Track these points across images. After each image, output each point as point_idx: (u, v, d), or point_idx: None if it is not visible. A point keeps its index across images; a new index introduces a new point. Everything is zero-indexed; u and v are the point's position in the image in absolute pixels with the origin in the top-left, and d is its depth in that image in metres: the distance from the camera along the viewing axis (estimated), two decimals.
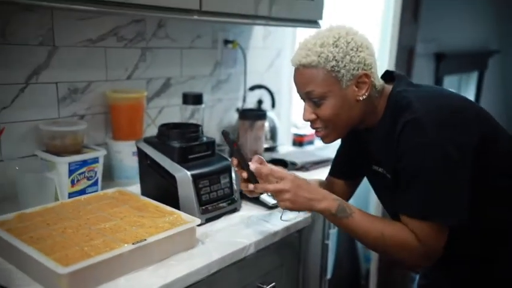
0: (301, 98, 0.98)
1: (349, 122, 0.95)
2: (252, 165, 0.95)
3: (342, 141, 1.15)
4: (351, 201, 1.14)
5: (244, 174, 0.96)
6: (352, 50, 0.90)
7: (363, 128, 0.99)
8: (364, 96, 0.92)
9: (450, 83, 3.53)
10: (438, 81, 3.19)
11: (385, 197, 1.06)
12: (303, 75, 0.93)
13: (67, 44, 1.22)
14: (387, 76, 1.02)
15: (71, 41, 1.23)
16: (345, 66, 0.90)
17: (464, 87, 3.87)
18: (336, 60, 0.90)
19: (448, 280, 1.03)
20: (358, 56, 0.91)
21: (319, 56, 0.90)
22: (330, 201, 0.93)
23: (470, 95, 3.86)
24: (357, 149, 1.06)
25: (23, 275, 0.80)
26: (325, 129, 0.96)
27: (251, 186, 0.95)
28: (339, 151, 1.16)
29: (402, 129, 0.87)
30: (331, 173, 1.18)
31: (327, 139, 0.99)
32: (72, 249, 0.79)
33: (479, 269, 0.97)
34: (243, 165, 0.96)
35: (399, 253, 0.90)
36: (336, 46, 0.90)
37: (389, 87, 0.97)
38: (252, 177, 0.95)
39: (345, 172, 1.15)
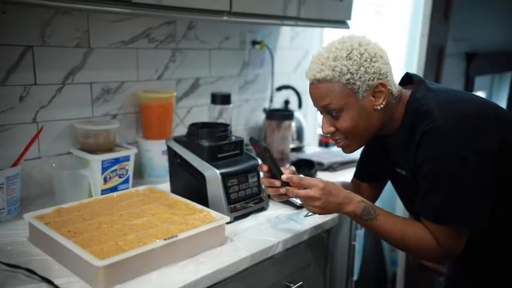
0: (319, 111, 0.99)
1: (368, 131, 0.96)
2: (284, 175, 0.97)
3: (365, 145, 1.14)
4: (378, 202, 1.14)
5: (278, 183, 0.98)
6: (366, 61, 0.90)
7: (382, 134, 0.99)
8: (381, 106, 0.92)
9: (481, 84, 3.42)
10: (469, 81, 3.10)
11: (407, 198, 1.07)
12: (318, 90, 0.94)
13: (101, 45, 1.26)
14: (406, 79, 1.01)
15: (105, 42, 1.27)
16: (360, 77, 0.90)
17: (496, 88, 3.75)
18: (350, 72, 0.90)
19: (471, 281, 1.03)
20: (373, 67, 0.90)
21: (333, 70, 0.90)
22: (356, 204, 0.95)
23: (503, 96, 3.73)
24: (378, 153, 1.06)
25: (61, 267, 0.83)
26: (346, 140, 0.97)
27: (282, 190, 0.97)
28: (362, 155, 1.16)
29: (421, 138, 0.87)
30: (355, 176, 1.19)
31: (347, 149, 0.99)
32: (107, 243, 0.82)
33: (504, 271, 0.96)
34: (275, 171, 0.98)
35: (419, 253, 0.94)
36: (350, 59, 0.90)
37: (407, 93, 0.96)
38: (284, 183, 0.98)
39: (369, 175, 1.16)
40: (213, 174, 1.09)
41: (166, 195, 1.10)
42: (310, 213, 1.09)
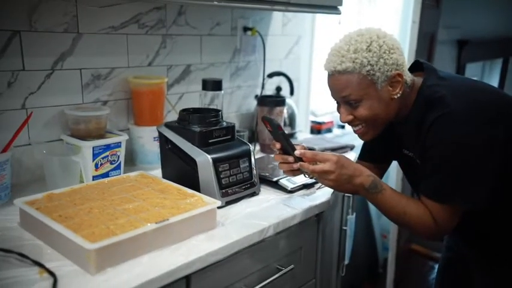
0: (336, 101, 1.02)
1: (386, 119, 1.00)
2: (297, 151, 0.99)
3: None
4: None
5: (291, 159, 1.00)
6: (385, 52, 0.94)
7: (396, 121, 1.03)
8: (398, 95, 0.97)
9: (473, 71, 3.45)
10: (460, 68, 3.12)
11: (413, 179, 1.12)
12: (338, 81, 0.96)
13: (90, 31, 1.25)
14: (415, 66, 1.04)
15: (94, 28, 1.26)
16: (379, 69, 0.94)
17: (488, 74, 3.78)
18: (370, 64, 0.93)
19: (472, 252, 1.10)
20: (391, 58, 0.94)
21: (354, 62, 0.93)
22: (365, 177, 0.98)
23: (494, 83, 3.76)
24: (387, 136, 1.08)
25: (53, 251, 0.83)
26: (365, 127, 1.01)
27: (296, 165, 0.99)
28: None
29: (433, 123, 0.91)
30: (360, 157, 1.22)
31: (366, 136, 1.03)
32: (99, 227, 0.82)
33: (503, 243, 1.02)
34: (288, 147, 1.00)
35: (415, 229, 0.98)
36: (370, 51, 0.93)
37: (419, 81, 1.00)
38: (297, 158, 1.00)
39: (375, 156, 1.19)
40: (204, 160, 1.09)
41: (158, 181, 1.10)
42: (322, 186, 1.10)
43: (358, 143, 1.24)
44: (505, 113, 0.93)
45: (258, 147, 1.61)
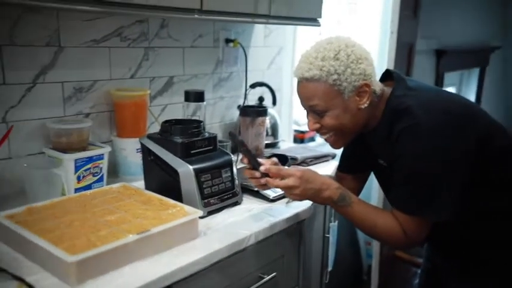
0: (305, 109, 1.02)
1: (354, 129, 1.00)
2: (263, 167, 1.00)
3: None
4: None
5: (258, 174, 1.01)
6: (352, 62, 0.94)
7: (365, 130, 1.04)
8: (365, 105, 0.97)
9: (451, 79, 3.54)
10: (439, 77, 3.21)
11: (388, 189, 1.11)
12: (306, 89, 0.97)
13: (72, 44, 1.26)
14: (386, 75, 1.05)
15: (76, 41, 1.27)
16: (346, 79, 0.94)
17: (466, 83, 3.88)
18: (337, 73, 0.93)
19: (447, 262, 1.11)
20: (359, 68, 0.94)
21: (321, 70, 0.93)
22: (333, 190, 0.99)
23: (472, 91, 3.87)
24: (361, 146, 1.10)
25: (32, 264, 0.83)
26: (333, 136, 1.02)
27: (263, 180, 1.00)
28: (346, 148, 1.20)
29: (400, 133, 0.92)
30: (339, 169, 1.23)
31: (336, 144, 1.04)
32: (80, 239, 0.83)
33: (475, 252, 1.02)
34: (254, 164, 1.02)
35: (386, 240, 1.00)
36: (337, 59, 0.93)
37: (388, 90, 1.00)
38: (264, 174, 1.01)
39: (352, 167, 1.20)
40: (186, 170, 1.10)
41: (140, 192, 1.11)
42: (291, 201, 1.12)
43: (340, 151, 1.26)
44: (470, 124, 0.93)
45: (240, 156, 1.62)
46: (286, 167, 1.03)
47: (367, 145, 1.08)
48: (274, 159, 1.07)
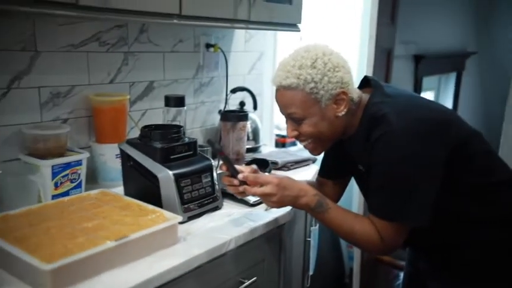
0: (283, 116, 1.03)
1: (332, 136, 1.01)
2: (240, 175, 1.01)
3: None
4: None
5: (236, 181, 1.02)
6: (329, 70, 0.95)
7: (344, 137, 1.05)
8: (343, 112, 0.98)
9: (429, 84, 3.62)
10: (417, 82, 3.27)
11: (367, 194, 1.12)
12: (283, 97, 0.98)
13: (49, 49, 1.24)
14: (365, 82, 1.06)
15: (53, 46, 1.25)
16: (323, 87, 0.95)
17: (444, 87, 3.97)
18: (314, 81, 0.94)
19: (429, 265, 1.12)
20: (336, 76, 0.95)
21: (298, 78, 0.94)
22: (310, 196, 1.00)
23: (449, 96, 3.96)
24: (341, 152, 1.11)
25: (6, 274, 0.81)
26: (312, 143, 1.03)
27: (241, 188, 1.01)
28: (326, 154, 1.21)
29: (376, 140, 0.93)
30: (320, 174, 1.24)
31: (315, 151, 1.06)
32: (56, 247, 0.82)
33: (453, 254, 1.04)
34: (232, 171, 1.02)
35: (364, 246, 1.00)
36: (314, 67, 0.94)
37: (366, 97, 1.01)
38: (242, 182, 1.02)
39: (332, 173, 1.21)
40: (165, 175, 1.10)
41: (119, 198, 1.10)
42: (269, 208, 1.13)
43: (320, 156, 1.27)
44: (444, 131, 0.94)
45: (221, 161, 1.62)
46: (265, 174, 1.03)
47: (346, 151, 1.09)
48: (253, 166, 1.07)
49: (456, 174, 0.96)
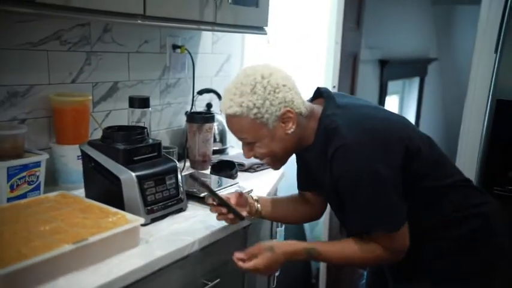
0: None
1: (286, 152, 1.03)
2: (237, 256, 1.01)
3: (296, 158, 1.19)
4: None
5: (225, 210, 1.04)
6: (269, 94, 0.95)
7: (302, 149, 1.05)
8: (292, 129, 0.98)
9: (394, 88, 3.74)
10: (383, 86, 3.37)
11: (332, 204, 1.15)
12: (232, 124, 1.00)
13: (5, 46, 1.20)
14: (318, 93, 1.07)
15: (9, 43, 1.21)
16: (266, 110, 0.95)
17: (408, 91, 4.11)
18: (257, 107, 0.95)
19: (387, 266, 1.14)
20: (277, 98, 0.95)
21: (241, 106, 0.95)
22: (298, 255, 1.01)
23: (413, 99, 4.11)
24: (306, 164, 1.12)
25: None
26: (270, 160, 1.04)
27: (230, 215, 1.05)
28: (298, 167, 1.21)
29: (333, 155, 0.95)
30: (298, 188, 1.24)
31: (274, 167, 1.08)
32: (9, 252, 0.79)
33: (412, 254, 1.04)
34: (219, 201, 1.04)
35: (375, 262, 1.05)
36: (255, 93, 0.94)
37: (319, 109, 1.02)
38: (236, 214, 1.06)
39: (307, 185, 1.20)
40: (128, 177, 1.08)
41: (80, 200, 1.07)
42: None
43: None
44: (398, 137, 0.97)
45: (188, 163, 1.62)
46: (253, 197, 1.07)
47: (307, 163, 1.10)
48: (238, 190, 1.09)
49: (410, 180, 0.99)
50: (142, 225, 1.04)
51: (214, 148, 1.74)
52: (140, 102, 1.42)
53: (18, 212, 0.97)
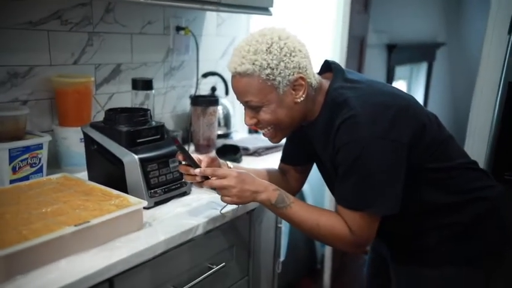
0: (241, 103, 0.99)
1: (291, 123, 0.97)
2: (197, 170, 0.95)
3: None
4: (307, 188, 1.17)
5: (193, 171, 0.96)
6: (285, 55, 0.90)
7: (304, 123, 1.01)
8: (301, 98, 0.94)
9: (402, 73, 3.67)
10: (390, 71, 3.31)
11: (329, 184, 1.12)
12: (239, 84, 0.93)
13: (4, 26, 1.17)
14: (326, 66, 1.03)
15: (8, 23, 1.18)
16: (280, 73, 0.90)
17: (415, 76, 4.04)
18: (270, 67, 0.89)
19: (389, 251, 1.12)
20: (292, 62, 0.91)
21: (253, 64, 0.89)
22: (270, 192, 0.96)
23: (421, 85, 4.04)
24: (301, 139, 1.08)
25: None
26: (271, 130, 0.99)
27: (198, 178, 0.96)
28: (288, 139, 1.18)
29: (339, 126, 0.90)
30: (281, 160, 1.21)
31: (274, 139, 1.02)
32: (10, 233, 0.77)
33: (413, 240, 1.04)
34: (190, 162, 0.97)
35: (332, 241, 0.96)
36: (270, 53, 0.89)
37: (326, 83, 0.98)
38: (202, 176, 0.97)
39: (294, 159, 1.17)
40: (131, 160, 1.06)
41: (82, 183, 1.05)
42: (225, 205, 1.06)
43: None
44: (408, 116, 0.92)
45: (192, 147, 1.59)
46: (226, 163, 0.97)
47: (307, 137, 1.06)
48: (212, 154, 1.01)
49: (415, 160, 0.94)
50: (146, 208, 1.03)
51: (219, 132, 1.71)
52: (143, 84, 1.40)
53: (20, 193, 0.96)
